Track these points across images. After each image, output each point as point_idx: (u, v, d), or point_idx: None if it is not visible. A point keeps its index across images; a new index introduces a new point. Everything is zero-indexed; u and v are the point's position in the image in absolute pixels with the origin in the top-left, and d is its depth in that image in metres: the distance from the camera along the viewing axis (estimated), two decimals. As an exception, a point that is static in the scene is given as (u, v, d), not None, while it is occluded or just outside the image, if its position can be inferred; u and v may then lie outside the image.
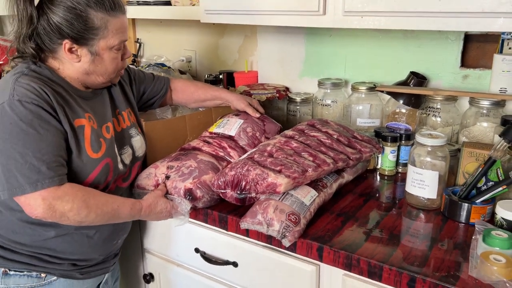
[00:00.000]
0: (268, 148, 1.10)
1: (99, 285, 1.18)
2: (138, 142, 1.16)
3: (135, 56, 2.19)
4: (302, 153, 1.09)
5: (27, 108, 0.91)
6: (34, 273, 1.03)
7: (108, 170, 1.04)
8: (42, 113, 0.92)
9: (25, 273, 1.03)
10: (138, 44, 2.21)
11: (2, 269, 1.02)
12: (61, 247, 1.04)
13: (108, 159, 1.04)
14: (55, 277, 1.05)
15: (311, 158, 1.07)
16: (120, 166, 1.09)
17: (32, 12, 0.95)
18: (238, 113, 1.34)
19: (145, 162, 1.22)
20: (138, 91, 1.30)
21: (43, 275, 1.04)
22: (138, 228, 1.31)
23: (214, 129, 1.29)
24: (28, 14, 0.95)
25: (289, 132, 1.20)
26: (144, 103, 1.34)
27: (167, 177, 1.13)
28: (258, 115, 1.33)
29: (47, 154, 0.91)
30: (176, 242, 1.22)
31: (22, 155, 0.90)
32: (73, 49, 0.98)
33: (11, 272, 1.03)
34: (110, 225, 1.09)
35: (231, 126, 1.28)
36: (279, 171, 1.00)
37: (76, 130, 0.99)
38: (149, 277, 1.32)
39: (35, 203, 0.91)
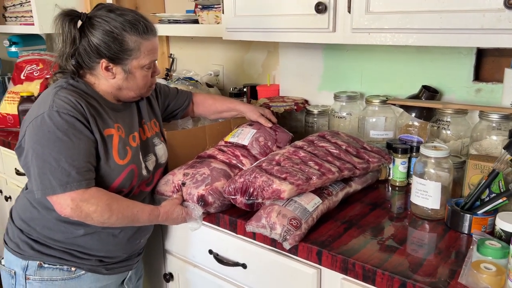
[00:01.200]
0: (277, 157, 1.17)
1: (123, 281, 1.28)
2: (161, 150, 1.27)
3: (168, 70, 2.32)
4: (309, 162, 1.15)
5: (64, 119, 1.03)
6: (65, 267, 1.14)
7: (132, 176, 1.14)
8: (76, 123, 1.04)
9: (58, 266, 1.14)
10: (171, 59, 2.35)
11: (38, 262, 1.14)
12: (89, 244, 1.15)
13: (133, 165, 1.14)
14: (83, 271, 1.16)
15: (316, 167, 1.14)
16: (144, 172, 1.19)
17: (75, 34, 1.08)
18: (252, 123, 1.42)
19: (166, 168, 1.32)
20: (163, 104, 1.41)
21: (73, 269, 1.15)
22: (160, 230, 1.41)
23: (229, 138, 1.37)
24: (72, 35, 1.08)
25: (299, 143, 1.26)
26: (168, 115, 1.46)
27: (183, 184, 1.21)
28: (270, 124, 1.40)
29: (77, 160, 1.03)
30: (193, 244, 1.31)
31: (56, 160, 1.01)
32: (109, 67, 1.10)
33: (46, 265, 1.14)
34: (134, 226, 1.18)
35: (244, 135, 1.36)
36: (284, 179, 1.07)
37: (106, 139, 1.10)
38: (169, 277, 1.41)
39: (65, 203, 1.02)
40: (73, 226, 1.12)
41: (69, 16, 1.08)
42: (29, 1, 2.37)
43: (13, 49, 2.65)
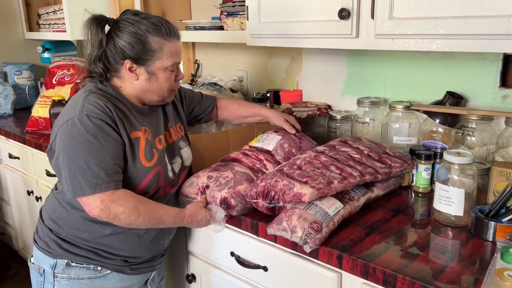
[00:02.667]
0: (298, 162, 1.18)
1: (146, 281, 1.31)
2: (186, 153, 1.30)
3: (194, 76, 2.37)
4: (330, 167, 1.16)
5: (93, 122, 1.06)
6: (92, 266, 1.18)
7: (158, 177, 1.17)
8: (105, 126, 1.07)
9: (84, 265, 1.18)
10: (196, 65, 2.40)
11: (66, 260, 1.18)
12: (115, 244, 1.18)
13: (159, 167, 1.17)
14: (109, 271, 1.20)
15: (338, 171, 1.14)
16: (170, 174, 1.22)
17: (102, 37, 1.13)
18: (277, 129, 1.43)
19: (190, 170, 1.35)
20: (187, 108, 1.45)
21: (99, 268, 1.19)
22: (183, 232, 1.44)
23: (254, 143, 1.39)
24: (99, 38, 1.12)
25: (320, 148, 1.27)
26: (192, 119, 1.50)
27: (207, 187, 1.24)
28: (293, 131, 1.41)
29: (106, 162, 1.06)
30: (215, 246, 1.33)
31: (86, 162, 1.05)
32: (133, 68, 1.14)
33: (73, 264, 1.18)
34: (159, 228, 1.21)
35: (269, 141, 1.38)
36: (305, 182, 1.08)
37: (133, 141, 1.13)
38: (191, 278, 1.44)
39: (94, 204, 1.06)
40: (100, 226, 1.15)
41: (97, 20, 1.13)
42: (62, 9, 2.46)
43: (45, 55, 2.76)
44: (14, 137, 2.21)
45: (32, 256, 1.25)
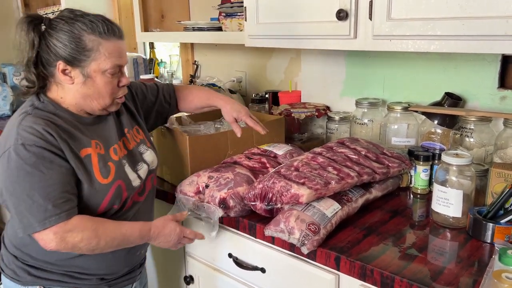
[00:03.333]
0: (295, 163, 1.18)
1: None
2: (149, 156, 1.21)
3: (193, 77, 2.37)
4: (327, 168, 1.16)
5: (30, 151, 0.96)
6: None
7: (121, 191, 1.09)
8: (45, 153, 0.97)
9: None
10: (195, 66, 2.39)
11: (38, 287, 1.10)
12: (88, 264, 1.11)
13: (119, 181, 1.08)
14: None
15: (335, 172, 1.14)
16: (136, 183, 1.14)
17: (34, 37, 1.01)
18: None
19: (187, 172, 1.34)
20: (145, 106, 1.32)
21: None
22: (181, 233, 1.43)
23: (264, 146, 1.41)
24: (30, 39, 1.01)
25: (318, 149, 1.27)
26: (156, 118, 1.37)
27: (207, 186, 1.24)
28: (240, 134, 1.33)
29: (52, 192, 0.97)
30: (213, 248, 1.33)
31: (30, 196, 0.96)
32: (67, 70, 1.02)
33: None
34: None
35: (281, 147, 1.40)
36: (303, 183, 1.08)
37: (83, 160, 1.03)
38: (189, 279, 1.43)
39: (48, 238, 0.98)
40: None
41: (30, 19, 1.02)
42: (61, 10, 2.46)
43: (44, 56, 2.75)
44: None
45: (1, 284, 1.17)
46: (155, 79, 2.06)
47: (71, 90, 1.05)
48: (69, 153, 1.01)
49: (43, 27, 1.03)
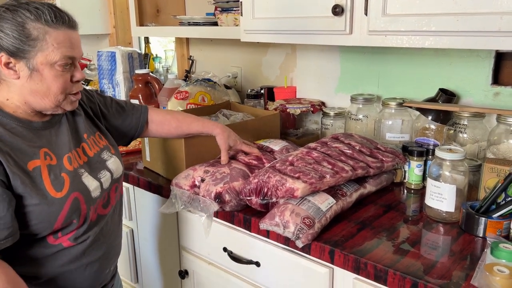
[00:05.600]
0: (290, 158, 1.18)
1: None
2: (113, 164, 1.13)
3: (188, 72, 2.37)
4: (322, 162, 1.16)
5: None
6: None
7: (78, 204, 0.99)
8: None
9: None
10: (190, 61, 2.39)
11: None
12: (59, 285, 1.03)
13: (75, 193, 0.99)
14: None
15: (330, 166, 1.15)
16: (96, 193, 1.04)
17: None
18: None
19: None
20: (109, 120, 1.23)
21: None
22: (176, 228, 1.44)
23: (261, 142, 1.42)
24: None
25: (312, 144, 1.28)
26: (119, 135, 1.26)
27: (202, 180, 1.24)
28: (225, 162, 1.28)
29: None
30: (208, 242, 1.33)
31: None
32: (10, 64, 0.92)
33: None
34: (102, 256, 1.09)
35: (277, 143, 1.41)
36: (297, 177, 1.08)
37: (31, 174, 0.93)
38: (184, 273, 1.44)
39: None
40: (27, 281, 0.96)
41: None
42: (55, 4, 2.44)
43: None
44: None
45: None
46: (150, 73, 2.06)
47: (17, 87, 0.95)
48: (13, 167, 0.90)
49: None
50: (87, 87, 2.32)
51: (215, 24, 1.86)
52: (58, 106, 0.99)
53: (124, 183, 1.48)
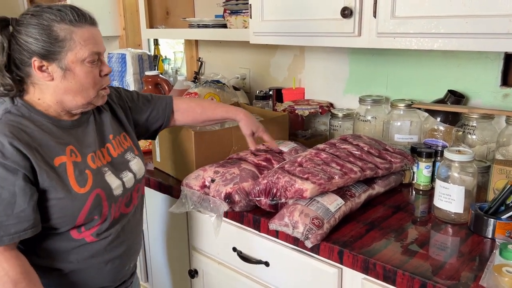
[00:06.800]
0: (299, 159, 1.20)
1: None
2: (136, 165, 1.16)
3: (197, 73, 2.39)
4: (331, 163, 1.17)
5: None
6: None
7: (100, 201, 1.03)
8: (0, 171, 0.91)
9: None
10: (199, 63, 2.41)
11: None
12: (78, 280, 1.07)
13: (97, 190, 1.02)
14: None
15: (338, 167, 1.16)
16: (118, 191, 1.07)
17: (2, 40, 0.95)
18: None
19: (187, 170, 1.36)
20: (137, 113, 1.26)
21: None
22: (186, 228, 1.45)
23: None
24: (0, 42, 0.95)
25: (321, 145, 1.29)
26: (148, 128, 1.30)
27: (213, 181, 1.26)
28: (254, 148, 1.33)
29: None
30: (218, 242, 1.35)
31: None
32: (43, 67, 0.96)
33: None
34: (123, 253, 1.12)
35: (286, 144, 1.42)
36: (306, 178, 1.10)
37: (57, 169, 0.97)
38: (193, 273, 1.46)
39: None
40: (53, 272, 1.03)
41: None
42: (66, 6, 2.47)
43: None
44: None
45: None
46: (160, 75, 2.08)
47: (50, 88, 0.99)
48: (40, 163, 0.94)
49: (11, 28, 0.97)
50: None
51: (224, 26, 1.87)
52: (90, 102, 1.04)
53: (135, 184, 1.49)
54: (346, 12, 1.26)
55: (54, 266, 1.04)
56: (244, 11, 1.74)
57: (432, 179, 1.34)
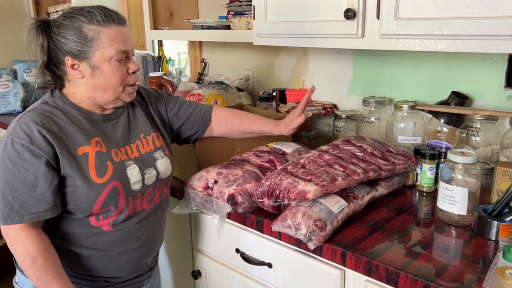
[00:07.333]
0: (302, 161, 1.20)
1: None
2: (163, 164, 1.19)
3: (200, 74, 2.39)
4: (334, 165, 1.17)
5: (15, 148, 0.98)
6: None
7: (116, 193, 1.07)
8: (26, 154, 0.98)
9: None
10: (203, 64, 2.41)
11: None
12: (93, 266, 1.12)
13: (115, 182, 1.06)
14: None
15: (341, 169, 1.16)
16: (137, 186, 1.11)
17: (42, 41, 1.04)
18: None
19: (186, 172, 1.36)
20: (174, 118, 1.29)
21: None
22: (189, 229, 1.46)
23: (272, 144, 1.43)
24: (40, 43, 1.04)
25: (324, 147, 1.29)
26: (183, 134, 1.32)
27: (216, 182, 1.26)
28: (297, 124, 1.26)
29: (22, 193, 0.98)
30: (220, 243, 1.35)
31: (3, 190, 0.99)
32: (75, 65, 1.04)
33: None
34: (139, 248, 1.15)
35: (289, 145, 1.42)
36: (309, 180, 1.10)
37: (78, 159, 1.03)
38: (196, 274, 1.46)
39: (6, 234, 1.01)
40: (71, 253, 1.09)
41: (37, 23, 1.05)
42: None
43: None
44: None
45: (16, 276, 1.19)
46: (164, 76, 2.09)
47: (82, 85, 1.07)
48: (63, 151, 1.01)
49: (52, 29, 1.05)
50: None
51: (228, 27, 1.88)
52: (118, 98, 1.10)
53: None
54: (350, 14, 1.26)
55: (73, 249, 1.09)
56: (247, 12, 1.74)
57: (436, 181, 1.33)
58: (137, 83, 1.15)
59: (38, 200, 1.00)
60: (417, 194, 1.34)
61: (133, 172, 1.11)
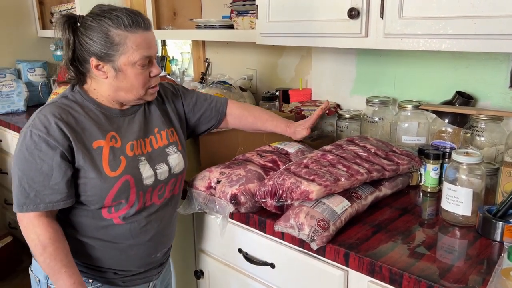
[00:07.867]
0: (305, 161, 1.19)
1: None
2: (175, 159, 1.20)
3: (204, 74, 2.39)
4: (337, 165, 1.17)
5: (33, 139, 1.02)
6: (83, 278, 1.11)
7: (128, 187, 1.09)
8: (43, 145, 1.02)
9: None
10: (206, 63, 2.42)
11: None
12: (103, 258, 1.14)
13: (127, 176, 1.09)
14: (100, 284, 1.16)
15: (344, 169, 1.15)
16: (149, 181, 1.13)
17: (68, 37, 1.07)
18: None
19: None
20: (191, 112, 1.31)
21: (90, 280, 1.16)
22: (192, 229, 1.45)
23: (276, 144, 1.43)
24: (66, 38, 1.07)
25: (327, 147, 1.28)
26: (199, 126, 1.34)
27: (218, 182, 1.26)
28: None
29: (37, 183, 1.02)
30: (223, 243, 1.35)
31: (20, 179, 1.03)
32: (99, 66, 1.07)
33: None
34: (148, 242, 1.17)
35: (292, 145, 1.42)
36: (312, 180, 1.09)
37: (93, 152, 1.06)
38: (199, 274, 1.46)
39: (21, 222, 1.06)
40: (83, 244, 1.12)
41: (65, 19, 1.07)
42: (74, 7, 2.50)
43: (58, 52, 2.81)
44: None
45: (31, 264, 1.22)
46: (167, 76, 2.08)
47: (105, 84, 1.10)
48: (78, 144, 1.05)
49: (78, 26, 1.07)
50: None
51: (231, 27, 1.87)
52: (140, 98, 1.13)
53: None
54: (353, 13, 1.25)
55: (84, 240, 1.12)
56: (251, 12, 1.74)
57: (440, 181, 1.32)
58: None
59: (52, 190, 1.03)
60: (421, 194, 1.33)
61: (145, 167, 1.13)
